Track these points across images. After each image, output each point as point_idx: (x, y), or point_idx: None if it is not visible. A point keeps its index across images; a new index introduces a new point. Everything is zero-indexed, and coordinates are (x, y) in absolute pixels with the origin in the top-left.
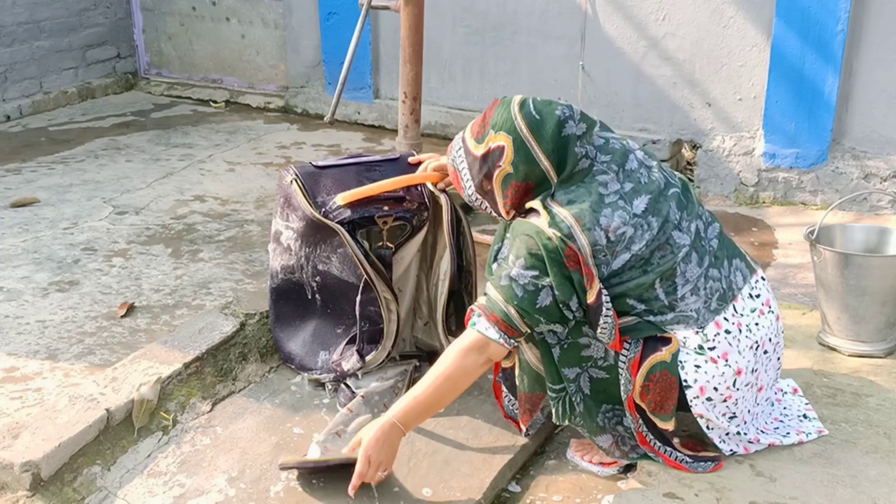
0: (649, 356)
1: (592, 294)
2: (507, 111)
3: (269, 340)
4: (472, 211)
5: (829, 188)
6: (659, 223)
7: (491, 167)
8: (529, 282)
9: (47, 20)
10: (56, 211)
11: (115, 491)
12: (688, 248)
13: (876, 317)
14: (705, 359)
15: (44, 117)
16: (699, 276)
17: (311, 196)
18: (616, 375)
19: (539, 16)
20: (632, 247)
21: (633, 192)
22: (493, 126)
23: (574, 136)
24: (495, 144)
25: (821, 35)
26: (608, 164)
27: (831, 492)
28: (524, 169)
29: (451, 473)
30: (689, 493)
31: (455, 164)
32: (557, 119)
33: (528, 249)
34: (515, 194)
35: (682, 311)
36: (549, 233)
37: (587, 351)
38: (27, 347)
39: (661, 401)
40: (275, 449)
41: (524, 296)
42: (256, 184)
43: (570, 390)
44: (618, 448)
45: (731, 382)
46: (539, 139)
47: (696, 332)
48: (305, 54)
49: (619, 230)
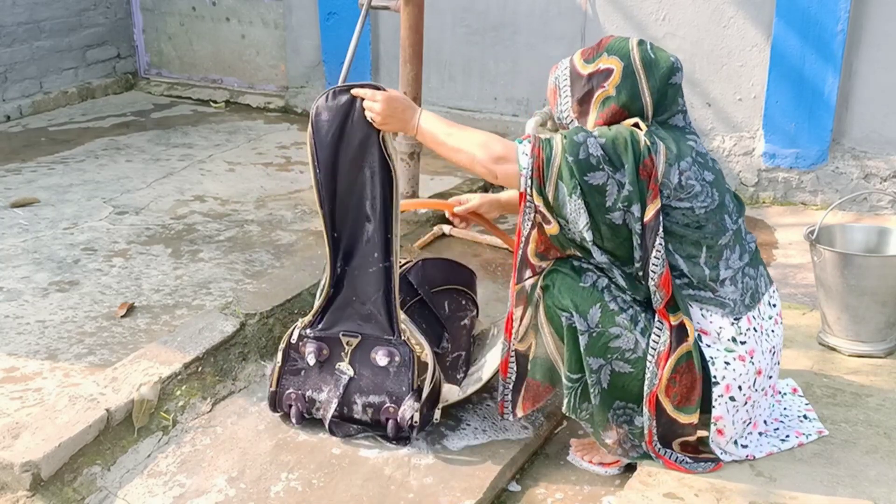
0: (677, 348)
1: (652, 209)
2: (625, 42)
3: (269, 340)
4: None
5: (829, 188)
6: (719, 199)
7: (595, 86)
8: (597, 156)
9: (47, 20)
10: (56, 211)
11: (115, 491)
12: (733, 235)
13: (876, 317)
14: (735, 356)
15: (44, 117)
16: (739, 269)
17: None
18: (641, 369)
19: (539, 16)
20: (694, 201)
21: (704, 165)
22: (607, 50)
23: (679, 87)
24: (605, 66)
25: (821, 35)
26: (695, 135)
27: (831, 492)
28: (625, 97)
29: (452, 473)
30: (689, 493)
31: (557, 82)
32: (671, 64)
33: (615, 137)
34: (610, 118)
35: (721, 295)
36: (641, 138)
37: (616, 342)
38: (27, 347)
39: (688, 392)
40: (275, 449)
41: (583, 159)
42: (256, 184)
43: (590, 381)
44: (620, 446)
45: (752, 382)
46: (649, 75)
47: (731, 322)
48: (305, 54)
49: (690, 180)
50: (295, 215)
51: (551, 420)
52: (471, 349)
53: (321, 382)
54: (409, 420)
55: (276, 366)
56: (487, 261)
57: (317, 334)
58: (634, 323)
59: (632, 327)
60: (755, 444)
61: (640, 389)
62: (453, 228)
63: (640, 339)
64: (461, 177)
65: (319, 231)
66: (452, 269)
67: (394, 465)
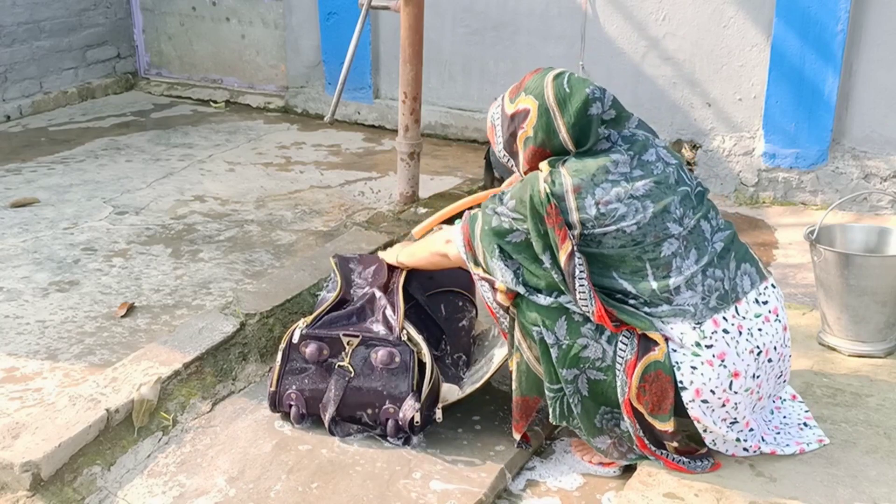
0: (644, 356)
1: (564, 254)
2: (542, 79)
3: (269, 340)
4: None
5: (829, 188)
6: (656, 210)
7: (516, 127)
8: (509, 219)
9: (47, 20)
10: (56, 211)
11: (115, 491)
12: (684, 239)
13: (876, 317)
14: (701, 360)
15: (44, 117)
16: (695, 273)
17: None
18: (612, 376)
19: (539, 16)
20: (621, 223)
21: (640, 177)
22: (525, 89)
23: (598, 118)
24: (523, 107)
25: (821, 35)
26: (626, 149)
27: (831, 492)
28: (542, 136)
29: (452, 473)
30: (688, 493)
31: (493, 120)
32: (585, 97)
33: (521, 196)
34: (533, 158)
35: (678, 304)
36: (541, 186)
37: (585, 352)
38: (27, 347)
39: (658, 401)
40: (275, 449)
41: (497, 224)
42: (256, 184)
43: (568, 392)
44: (616, 449)
45: (727, 385)
46: (563, 111)
47: (692, 327)
48: (305, 54)
49: (610, 204)
50: (295, 215)
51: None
52: (471, 350)
53: (321, 382)
54: (409, 420)
55: (277, 366)
56: None
57: (317, 334)
58: (600, 332)
59: (597, 337)
60: (755, 441)
61: (615, 396)
62: None
63: (606, 349)
64: (461, 177)
65: (319, 231)
66: (446, 272)
67: (394, 465)
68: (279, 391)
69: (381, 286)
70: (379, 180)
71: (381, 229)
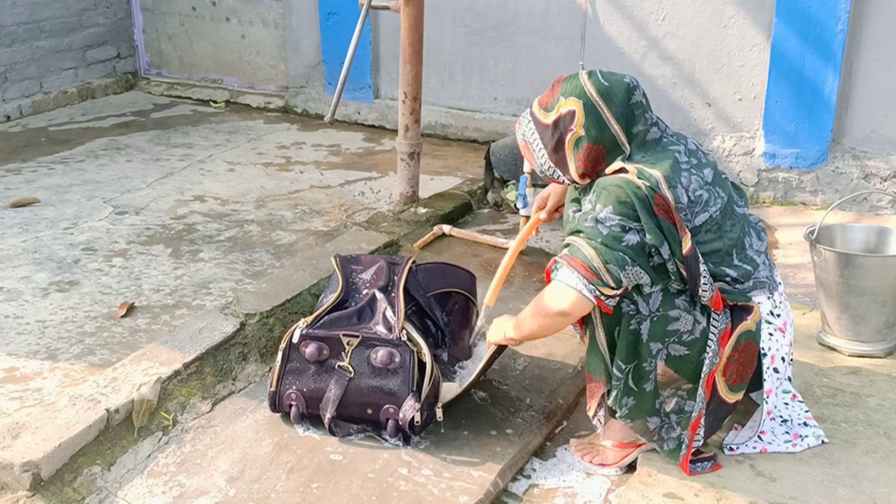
0: (738, 326)
1: (687, 242)
2: (576, 80)
3: (269, 340)
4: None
5: (829, 188)
6: (725, 195)
7: (563, 132)
8: (616, 223)
9: (47, 20)
10: (56, 211)
11: (115, 491)
12: (743, 220)
13: (876, 317)
14: (775, 327)
15: (44, 117)
16: (762, 250)
17: None
18: (697, 350)
19: (539, 16)
20: (709, 208)
21: (699, 165)
22: (562, 94)
23: (641, 104)
24: (566, 109)
25: (821, 35)
26: (675, 139)
27: (831, 492)
28: (595, 132)
29: (452, 474)
30: (688, 493)
31: (525, 137)
32: (626, 86)
33: (616, 198)
34: (588, 157)
35: (757, 277)
36: (638, 182)
37: (675, 324)
38: (27, 347)
39: (743, 370)
40: (275, 449)
41: (608, 233)
42: (256, 184)
43: (647, 368)
44: (658, 433)
45: (789, 355)
46: (609, 103)
47: (767, 297)
48: (305, 54)
49: (696, 192)
50: (295, 215)
51: (551, 420)
52: (472, 350)
53: (321, 383)
54: (409, 420)
55: (277, 366)
56: (487, 261)
57: (317, 334)
58: (693, 304)
59: (691, 308)
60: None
61: (692, 372)
62: (453, 229)
63: (700, 319)
64: (461, 177)
65: (319, 231)
66: (446, 273)
67: (394, 465)
68: (279, 391)
69: (382, 287)
70: (379, 180)
71: (381, 229)
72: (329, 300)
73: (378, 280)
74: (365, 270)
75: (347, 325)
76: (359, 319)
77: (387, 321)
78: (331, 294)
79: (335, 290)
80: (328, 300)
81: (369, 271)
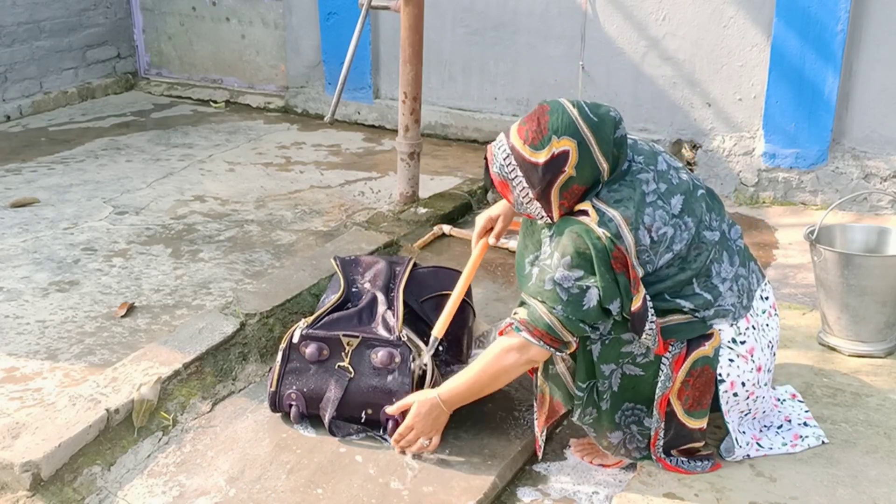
0: (693, 351)
1: (638, 300)
2: (567, 115)
3: (269, 340)
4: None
5: (829, 188)
6: (694, 223)
7: (555, 172)
8: (574, 284)
9: (47, 20)
10: (56, 211)
11: (115, 491)
12: (717, 247)
13: (876, 317)
14: (737, 353)
15: (44, 117)
16: (733, 275)
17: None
18: (652, 372)
19: (539, 16)
20: (673, 247)
21: (668, 192)
22: (553, 131)
23: (625, 137)
24: (560, 150)
25: (821, 35)
26: (644, 164)
27: (831, 492)
28: (587, 173)
29: (452, 473)
30: (689, 493)
31: (504, 174)
32: (613, 120)
33: (575, 248)
34: (572, 198)
35: (720, 305)
36: (598, 232)
37: (628, 347)
38: (27, 347)
39: (699, 396)
40: (275, 449)
41: (569, 300)
42: (256, 184)
43: (602, 387)
44: (623, 447)
45: (755, 380)
46: (599, 141)
47: (730, 324)
48: (305, 54)
49: (660, 230)
50: (295, 215)
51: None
52: (471, 352)
53: (321, 383)
54: None
55: (277, 366)
56: (486, 261)
57: (317, 335)
58: None
59: None
60: (754, 432)
61: (650, 391)
62: (453, 229)
63: (652, 345)
64: (461, 177)
65: (319, 231)
66: (439, 277)
67: (393, 465)
68: (279, 391)
69: (383, 288)
70: (379, 180)
71: (381, 229)
72: (330, 301)
73: (379, 281)
74: (366, 272)
75: (348, 325)
76: (359, 320)
77: (386, 322)
78: (332, 295)
79: (336, 291)
80: (329, 301)
81: (370, 272)
